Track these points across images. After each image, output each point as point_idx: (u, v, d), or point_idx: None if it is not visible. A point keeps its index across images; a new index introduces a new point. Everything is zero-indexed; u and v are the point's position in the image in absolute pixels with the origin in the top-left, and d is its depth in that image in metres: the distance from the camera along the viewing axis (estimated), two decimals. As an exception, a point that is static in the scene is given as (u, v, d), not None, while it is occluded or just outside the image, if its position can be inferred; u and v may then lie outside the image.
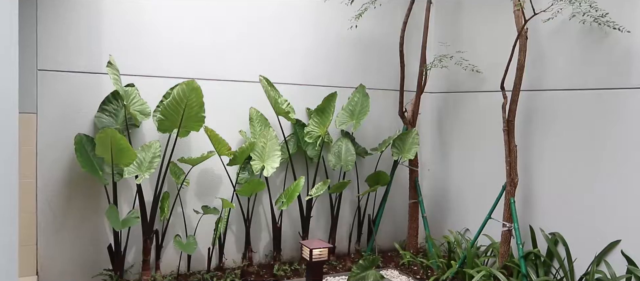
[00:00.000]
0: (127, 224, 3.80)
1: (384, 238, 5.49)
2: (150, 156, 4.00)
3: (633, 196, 3.49)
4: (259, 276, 4.51)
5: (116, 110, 4.07)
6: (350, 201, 5.28)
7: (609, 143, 3.65)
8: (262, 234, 4.86)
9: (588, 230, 3.78)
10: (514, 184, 4.01)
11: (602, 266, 3.63)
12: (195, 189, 4.53)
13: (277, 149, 4.39)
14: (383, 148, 4.97)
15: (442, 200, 5.36)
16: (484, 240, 4.55)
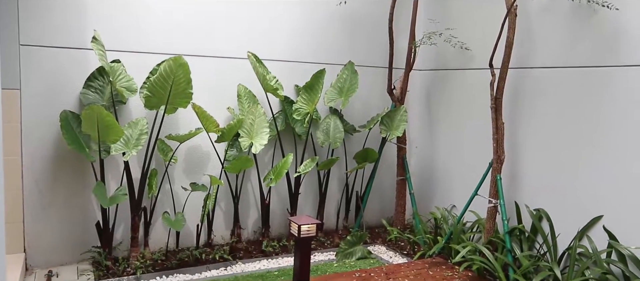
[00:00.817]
0: (115, 201, 3.79)
1: (372, 215, 5.54)
2: (138, 133, 3.96)
3: (616, 173, 3.55)
4: (248, 252, 4.55)
5: (102, 86, 4.01)
6: (339, 178, 5.31)
7: (594, 120, 3.70)
8: (250, 211, 4.88)
9: (571, 206, 3.86)
10: (500, 161, 4.05)
11: (585, 241, 3.72)
12: (184, 166, 4.52)
13: (265, 126, 4.38)
14: (371, 125, 4.98)
15: (429, 177, 5.41)
16: (470, 216, 4.62)
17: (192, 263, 4.19)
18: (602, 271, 3.31)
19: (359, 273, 3.98)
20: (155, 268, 4.07)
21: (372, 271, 4.03)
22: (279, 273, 4.08)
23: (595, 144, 3.69)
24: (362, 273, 4.00)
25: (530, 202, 4.18)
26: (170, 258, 4.24)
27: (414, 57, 4.98)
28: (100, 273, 3.88)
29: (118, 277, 3.86)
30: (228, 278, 3.94)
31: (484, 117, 4.57)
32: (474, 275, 3.97)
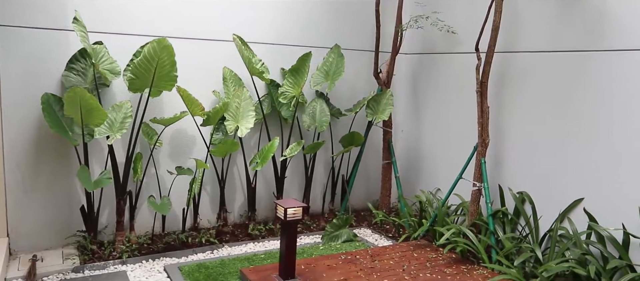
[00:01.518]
0: (99, 185, 3.75)
1: (358, 198, 5.58)
2: (122, 116, 3.91)
3: (597, 157, 3.62)
4: (234, 235, 4.56)
5: (84, 69, 3.94)
6: (325, 162, 5.33)
7: (577, 105, 3.75)
8: (236, 194, 4.87)
9: (553, 189, 3.93)
10: (485, 145, 4.10)
11: (565, 223, 3.80)
12: (169, 150, 4.48)
13: (251, 110, 4.36)
14: (357, 109, 4.99)
15: (414, 161, 5.45)
16: (454, 199, 4.68)
17: (179, 247, 4.18)
18: (582, 252, 3.39)
19: (345, 256, 4.02)
20: (141, 252, 4.06)
21: (358, 254, 4.08)
22: (266, 256, 4.10)
23: (577, 129, 3.75)
24: (348, 255, 4.04)
25: (513, 185, 4.25)
26: (156, 241, 4.23)
27: (400, 41, 4.98)
28: (85, 258, 3.86)
29: (104, 261, 3.85)
30: (214, 261, 3.95)
31: (469, 101, 4.61)
32: (458, 257, 4.04)
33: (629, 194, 3.42)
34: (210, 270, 3.77)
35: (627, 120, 3.43)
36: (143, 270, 3.79)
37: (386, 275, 3.65)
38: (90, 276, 3.64)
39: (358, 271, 3.71)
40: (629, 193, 3.42)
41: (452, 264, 3.90)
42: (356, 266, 3.80)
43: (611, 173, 3.53)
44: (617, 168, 3.49)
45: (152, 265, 3.89)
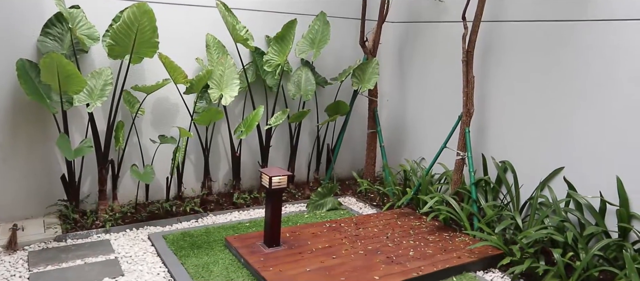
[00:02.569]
0: (80, 153, 3.69)
1: (342, 167, 5.60)
2: (102, 83, 3.82)
3: (577, 126, 3.66)
4: (219, 204, 4.55)
5: (61, 34, 3.82)
6: (310, 131, 5.31)
7: (559, 75, 3.77)
8: (221, 163, 4.85)
9: (535, 158, 3.98)
10: (469, 114, 4.11)
11: (546, 191, 3.87)
12: (151, 119, 4.41)
13: (235, 78, 4.29)
14: (343, 78, 4.95)
15: (399, 130, 5.47)
16: (438, 168, 4.73)
17: (163, 216, 4.17)
18: (560, 219, 3.46)
19: (330, 224, 4.05)
20: (125, 220, 4.03)
21: (343, 222, 4.11)
22: (251, 224, 4.12)
23: (559, 98, 3.78)
24: (332, 223, 4.07)
25: (496, 154, 4.30)
26: (139, 210, 4.20)
27: (387, 9, 4.91)
28: (67, 227, 3.83)
29: (86, 230, 3.82)
30: (199, 229, 3.95)
31: (455, 70, 4.60)
32: (441, 225, 4.10)
33: (607, 163, 3.49)
34: (195, 238, 3.77)
35: (607, 91, 3.46)
36: (127, 239, 3.77)
37: (370, 242, 3.70)
38: (72, 245, 3.62)
39: (343, 238, 3.75)
40: (607, 161, 3.48)
41: (435, 231, 3.96)
42: (341, 234, 3.84)
43: (591, 142, 3.58)
44: (597, 138, 3.54)
45: (136, 234, 3.88)
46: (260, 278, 3.13)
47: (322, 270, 3.22)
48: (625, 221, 3.31)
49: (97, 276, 3.16)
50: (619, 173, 3.40)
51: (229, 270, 3.29)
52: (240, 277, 3.19)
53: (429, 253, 3.54)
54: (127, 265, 3.36)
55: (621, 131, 3.40)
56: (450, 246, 3.67)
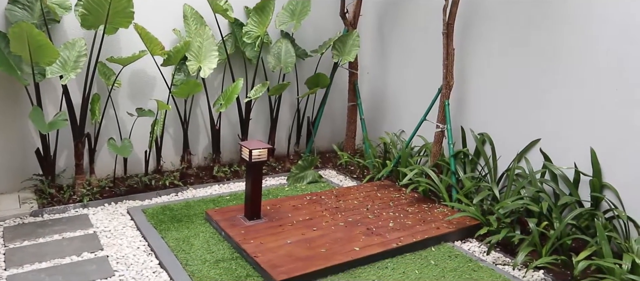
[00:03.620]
0: (54, 127, 3.60)
1: (323, 140, 5.61)
2: (75, 54, 3.71)
3: (554, 99, 3.72)
4: (199, 178, 4.52)
5: (30, 2, 3.67)
6: (290, 104, 5.28)
7: (537, 48, 3.80)
8: (200, 136, 4.80)
9: (513, 131, 4.04)
10: (449, 87, 4.13)
11: (523, 162, 3.94)
12: (128, 91, 4.32)
13: (214, 50, 4.22)
14: (323, 50, 4.91)
15: (380, 103, 5.47)
16: (418, 140, 4.76)
17: (142, 190, 4.12)
18: (536, 189, 3.54)
19: (310, 196, 4.07)
20: (103, 195, 3.98)
21: (323, 194, 4.14)
22: (231, 198, 4.11)
23: (537, 71, 3.82)
24: (313, 196, 4.09)
25: (475, 127, 4.34)
26: (118, 185, 4.15)
27: (367, -20, 4.85)
28: (44, 201, 3.76)
29: (64, 205, 3.76)
30: (179, 203, 3.92)
31: (435, 43, 4.59)
32: (420, 196, 4.16)
33: (582, 135, 3.56)
34: (175, 211, 3.75)
35: (582, 65, 3.51)
36: (105, 213, 3.73)
37: (351, 214, 3.74)
38: (49, 219, 3.56)
39: (323, 211, 3.78)
40: (582, 133, 3.55)
41: (414, 203, 4.01)
42: (321, 206, 3.86)
43: (567, 115, 3.64)
44: (573, 110, 3.60)
45: (114, 208, 3.83)
46: (241, 250, 3.14)
47: (302, 242, 3.24)
48: (597, 190, 3.41)
49: (76, 251, 3.12)
50: (594, 145, 3.48)
51: (210, 243, 3.29)
52: (221, 250, 3.20)
53: (408, 224, 3.60)
54: (106, 239, 3.33)
55: (596, 104, 3.46)
56: (429, 217, 3.73)
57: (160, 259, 3.07)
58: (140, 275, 2.90)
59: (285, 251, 3.09)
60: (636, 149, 3.25)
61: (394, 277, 2.97)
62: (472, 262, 3.21)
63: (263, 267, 2.89)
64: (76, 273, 2.87)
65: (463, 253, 3.33)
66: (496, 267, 3.18)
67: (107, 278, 2.84)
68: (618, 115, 3.34)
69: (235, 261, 3.06)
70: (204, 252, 3.16)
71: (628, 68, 3.26)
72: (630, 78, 3.25)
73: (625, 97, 3.29)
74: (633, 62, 3.23)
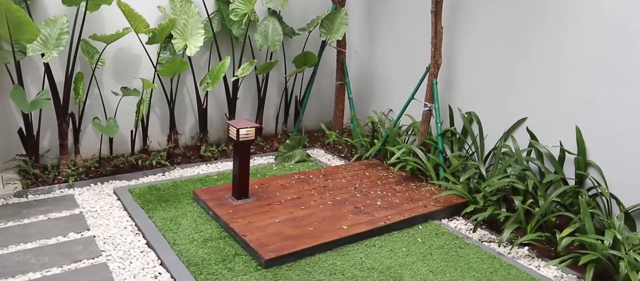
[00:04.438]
0: (37, 106, 3.53)
1: (311, 119, 5.59)
2: (57, 32, 3.62)
3: (541, 77, 3.73)
4: (186, 157, 4.49)
5: (10, -22, 3.56)
6: (278, 82, 5.24)
7: (524, 27, 3.79)
8: (187, 116, 4.75)
9: (500, 109, 4.06)
10: (437, 65, 4.13)
11: (509, 141, 3.97)
12: (113, 70, 4.24)
13: (200, 27, 4.14)
14: (311, 28, 4.85)
15: (368, 82, 5.45)
16: (406, 119, 4.77)
17: (128, 170, 4.09)
18: (522, 168, 3.58)
19: (298, 175, 4.07)
20: (89, 175, 3.94)
21: (311, 173, 4.14)
22: (219, 177, 4.09)
23: (524, 50, 3.82)
24: (301, 175, 4.09)
25: (462, 105, 4.36)
26: (104, 165, 4.10)
27: (355, -44, 4.78)
28: (28, 182, 3.71)
29: (48, 185, 3.71)
30: (166, 183, 3.90)
31: (423, 21, 4.56)
32: (408, 175, 4.18)
33: (567, 114, 3.59)
34: (162, 191, 3.73)
35: (570, 44, 3.51)
36: (91, 193, 3.70)
37: (338, 193, 3.75)
38: (34, 200, 3.52)
39: (311, 190, 3.78)
40: (568, 112, 3.58)
41: (402, 181, 4.04)
42: (309, 185, 3.87)
43: (553, 93, 3.67)
44: (559, 89, 3.62)
45: (100, 188, 3.80)
46: (229, 229, 3.14)
47: (291, 220, 3.25)
48: (582, 168, 3.45)
49: (62, 232, 3.10)
50: (579, 123, 3.51)
51: (198, 222, 3.29)
52: (209, 229, 3.20)
53: (396, 202, 3.62)
54: (92, 219, 3.30)
55: (582, 82, 3.48)
56: (417, 196, 3.75)
57: (147, 239, 3.06)
58: (127, 255, 2.89)
59: (274, 230, 3.10)
60: (620, 128, 3.29)
61: (381, 255, 3.00)
62: (459, 240, 3.25)
63: (251, 246, 2.90)
64: (62, 253, 2.85)
65: (450, 230, 3.37)
66: (482, 244, 3.22)
67: (94, 258, 2.83)
68: (603, 94, 3.37)
69: (223, 240, 3.06)
70: (191, 231, 3.16)
71: (612, 48, 3.28)
72: (615, 57, 3.27)
73: (610, 76, 3.31)
74: (617, 41, 3.25)
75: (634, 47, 3.18)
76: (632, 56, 3.19)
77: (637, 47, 3.17)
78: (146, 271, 2.74)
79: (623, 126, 3.28)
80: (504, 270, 2.91)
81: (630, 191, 3.26)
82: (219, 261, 2.83)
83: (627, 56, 3.22)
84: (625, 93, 3.25)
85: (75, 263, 2.78)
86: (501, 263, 2.97)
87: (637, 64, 3.18)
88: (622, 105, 3.27)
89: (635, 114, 3.21)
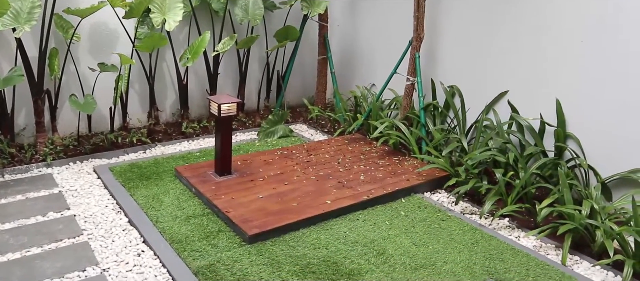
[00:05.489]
0: (10, 83, 3.42)
1: (293, 94, 5.55)
2: (29, 5, 3.49)
3: (523, 51, 3.75)
4: (167, 134, 4.43)
5: (-24, -52, 3.40)
6: (259, 57, 5.17)
7: (508, 2, 3.80)
8: (167, 92, 4.66)
9: (482, 83, 4.08)
10: (420, 39, 4.11)
11: (491, 114, 4.00)
12: (88, 46, 4.13)
13: (179, 1, 4.03)
14: (292, 2, 4.77)
15: (350, 56, 5.42)
16: (388, 94, 4.76)
17: (108, 148, 4.02)
18: (503, 140, 3.62)
19: (281, 151, 4.06)
20: (67, 153, 3.86)
21: (294, 149, 4.13)
22: (201, 154, 4.05)
23: (505, 23, 3.82)
24: (284, 150, 4.08)
25: (445, 79, 4.36)
26: (83, 143, 4.02)
27: None
28: (3, 161, 3.62)
29: (25, 164, 3.63)
30: (148, 160, 3.85)
31: (405, -6, 4.53)
32: (390, 149, 4.20)
33: (548, 87, 3.62)
34: (144, 169, 3.68)
35: (551, 18, 3.52)
36: (71, 172, 3.63)
37: (322, 168, 3.75)
38: (11, 180, 3.45)
39: (294, 165, 3.78)
40: (549, 85, 3.61)
41: (385, 156, 4.05)
42: (292, 161, 3.86)
43: (534, 67, 3.69)
44: (540, 62, 3.65)
45: (80, 167, 3.73)
46: (212, 206, 3.12)
47: (274, 196, 3.25)
48: (561, 140, 3.51)
49: (41, 211, 3.05)
50: (559, 96, 3.55)
51: (180, 199, 3.26)
52: (191, 206, 3.17)
53: (379, 176, 3.64)
54: (72, 198, 3.25)
55: (562, 56, 3.51)
56: (400, 170, 3.78)
57: (129, 217, 3.03)
58: (109, 233, 2.86)
59: (257, 206, 3.09)
60: (599, 101, 3.34)
61: (365, 228, 3.02)
62: (441, 212, 3.29)
63: (235, 222, 2.89)
64: (42, 233, 2.81)
65: (432, 203, 3.41)
66: (464, 216, 3.27)
67: (75, 237, 2.80)
68: (583, 67, 3.40)
69: (206, 217, 3.05)
70: (174, 209, 3.13)
71: (592, 23, 3.29)
72: (595, 32, 3.29)
73: (590, 50, 3.34)
74: (597, 16, 3.26)
75: (613, 21, 3.20)
76: (611, 30, 3.22)
77: (615, 21, 3.19)
78: (129, 249, 2.72)
79: (601, 98, 3.32)
80: (485, 241, 2.96)
81: (607, 162, 3.33)
82: (202, 238, 2.82)
83: (606, 30, 3.24)
84: (604, 66, 3.29)
85: (56, 242, 2.74)
86: (482, 235, 3.03)
87: (615, 38, 3.21)
88: (600, 78, 3.31)
89: (613, 87, 3.26)
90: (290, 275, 2.53)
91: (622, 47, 3.19)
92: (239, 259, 2.64)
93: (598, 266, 2.76)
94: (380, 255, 2.75)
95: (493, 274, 2.64)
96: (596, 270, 2.75)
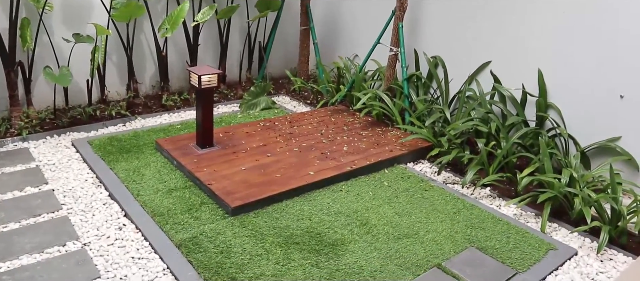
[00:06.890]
0: (-19, 55, 3.30)
1: (275, 66, 5.47)
2: (-4, -27, 3.34)
3: (506, 21, 3.73)
4: (147, 107, 4.35)
5: None
6: (240, 28, 5.06)
7: (493, -33, 3.76)
8: (146, 64, 4.55)
9: (465, 53, 4.06)
10: (403, 9, 4.05)
11: (474, 85, 4.01)
12: (62, 16, 3.98)
13: (155, -31, 3.91)
14: (274, -30, 4.66)
15: (333, 26, 5.34)
16: (371, 65, 4.73)
17: (86, 121, 3.93)
18: (486, 111, 3.63)
19: (264, 123, 4.02)
20: (44, 127, 3.77)
21: (277, 120, 4.09)
22: (182, 126, 3.99)
23: (491, -9, 3.80)
24: (266, 122, 4.04)
25: (428, 50, 4.33)
26: (59, 116, 3.92)
27: None
28: (-23, 136, 3.52)
29: (0, 139, 3.53)
30: (127, 133, 3.78)
31: (389, -38, 4.45)
32: (374, 120, 4.19)
33: (530, 57, 3.62)
34: (123, 142, 3.62)
35: (537, -17, 3.51)
36: (48, 146, 3.55)
37: (305, 139, 3.73)
38: (-14, 154, 3.36)
39: (277, 137, 3.75)
40: (531, 55, 3.62)
41: (368, 127, 4.04)
42: (275, 132, 3.83)
43: (516, 38, 3.68)
44: (523, 32, 3.64)
45: (57, 141, 3.65)
46: (194, 179, 3.09)
47: (257, 168, 3.22)
48: (542, 110, 3.53)
49: (18, 186, 2.98)
50: (541, 66, 3.56)
51: (162, 172, 3.22)
52: (173, 179, 3.14)
53: (362, 147, 3.64)
54: (50, 173, 3.18)
55: (544, 26, 3.50)
56: (383, 140, 3.78)
57: (110, 191, 2.98)
58: (89, 208, 2.82)
59: (240, 178, 3.07)
60: (579, 71, 3.36)
61: (348, 199, 3.03)
62: (424, 182, 3.31)
63: (217, 194, 2.87)
64: (20, 208, 2.75)
65: (415, 173, 3.43)
66: (446, 186, 3.30)
67: (55, 212, 2.75)
68: (565, 37, 3.40)
69: (188, 190, 3.02)
70: (155, 182, 3.09)
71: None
72: (577, 2, 3.29)
73: (570, 22, 3.34)
74: (582, -19, 3.26)
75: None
76: (590, 3, 3.22)
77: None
78: (110, 223, 2.68)
79: (582, 69, 3.34)
80: (467, 210, 3.00)
81: (586, 131, 3.37)
82: (184, 211, 2.79)
83: (589, 1, 3.24)
84: (585, 37, 3.29)
85: (34, 217, 2.69)
86: (464, 204, 3.06)
87: (597, 9, 3.21)
88: (582, 49, 3.32)
89: (594, 58, 3.27)
90: (274, 247, 2.53)
91: (604, 19, 3.19)
92: (222, 231, 2.63)
93: (576, 232, 2.82)
94: (363, 225, 2.76)
95: (474, 242, 2.68)
96: (574, 237, 2.81)
